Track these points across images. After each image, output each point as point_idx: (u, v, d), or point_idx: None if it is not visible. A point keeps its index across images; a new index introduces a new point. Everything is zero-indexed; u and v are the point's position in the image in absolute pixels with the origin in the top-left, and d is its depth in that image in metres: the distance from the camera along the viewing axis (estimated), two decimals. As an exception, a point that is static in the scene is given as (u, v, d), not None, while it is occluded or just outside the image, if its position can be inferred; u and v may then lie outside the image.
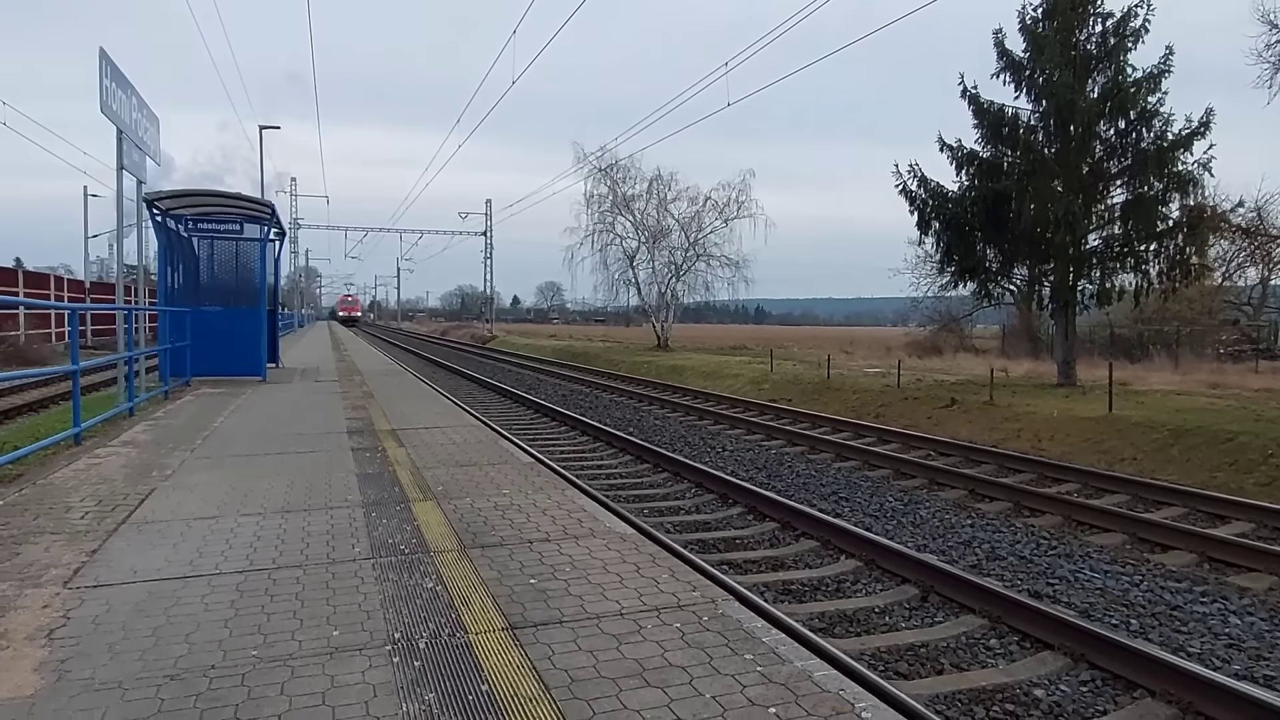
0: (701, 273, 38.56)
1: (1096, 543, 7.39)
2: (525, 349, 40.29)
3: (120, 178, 10.19)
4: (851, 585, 6.16)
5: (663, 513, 8.16)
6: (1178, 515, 8.32)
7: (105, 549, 4.38)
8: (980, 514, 8.39)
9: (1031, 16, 17.10)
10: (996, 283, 19.79)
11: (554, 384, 22.72)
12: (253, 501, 5.44)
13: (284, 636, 3.25)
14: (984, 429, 13.91)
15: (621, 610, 3.55)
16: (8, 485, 5.98)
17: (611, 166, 37.29)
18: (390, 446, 7.67)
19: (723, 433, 13.77)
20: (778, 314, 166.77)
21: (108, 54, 9.54)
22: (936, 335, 35.60)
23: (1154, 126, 16.10)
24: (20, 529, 4.76)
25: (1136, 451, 11.53)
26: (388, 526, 4.85)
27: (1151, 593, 6.08)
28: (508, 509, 5.31)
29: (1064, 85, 16.05)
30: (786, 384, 20.57)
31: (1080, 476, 9.91)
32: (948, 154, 17.83)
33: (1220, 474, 10.24)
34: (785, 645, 3.19)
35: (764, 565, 6.61)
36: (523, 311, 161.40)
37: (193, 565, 4.12)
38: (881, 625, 5.43)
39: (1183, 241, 16.12)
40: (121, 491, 5.71)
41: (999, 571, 6.54)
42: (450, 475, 6.38)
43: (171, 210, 13.67)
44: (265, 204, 15.27)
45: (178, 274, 14.14)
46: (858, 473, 10.47)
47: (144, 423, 9.11)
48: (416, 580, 3.91)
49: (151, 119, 11.44)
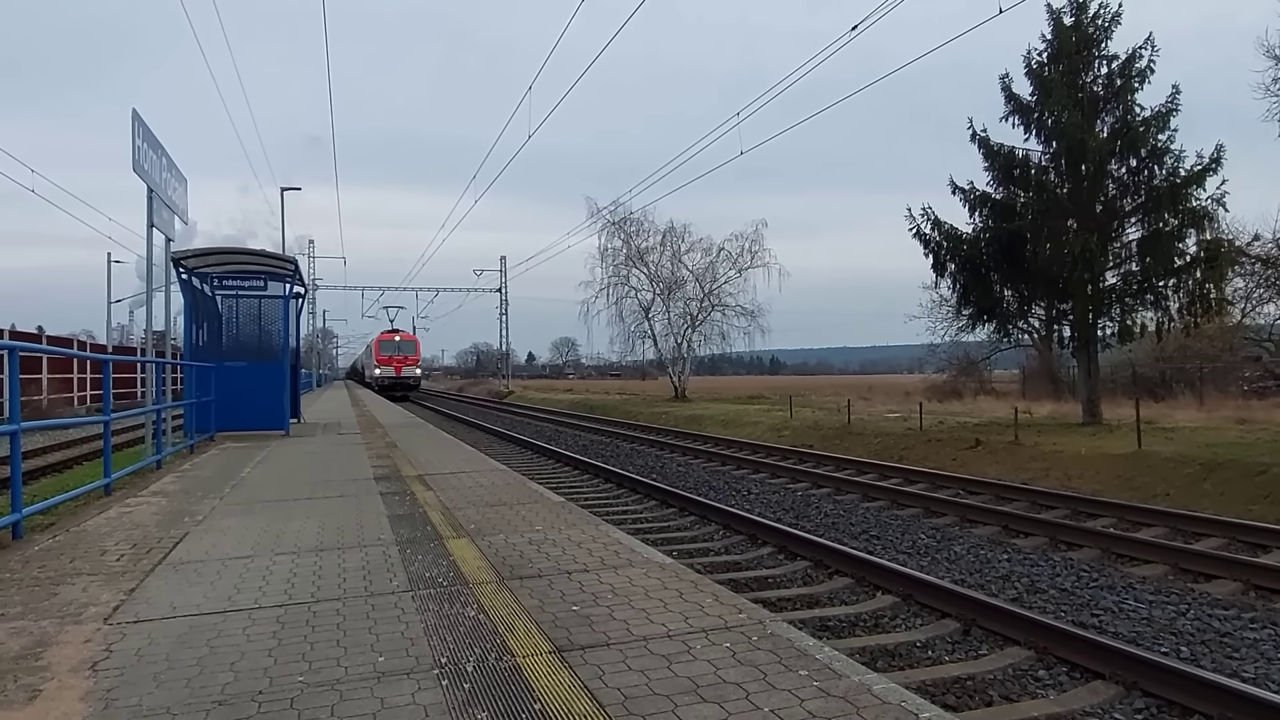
0: (717, 323, 38.59)
1: (1138, 574, 7.22)
2: (542, 403, 40.34)
3: (150, 235, 10.43)
4: (890, 620, 6.03)
5: (692, 554, 8.05)
6: (1219, 545, 8.14)
7: (143, 587, 4.37)
8: (1016, 549, 8.23)
9: (1037, 61, 17.40)
10: (1015, 323, 19.74)
11: (573, 435, 22.67)
12: (286, 542, 5.43)
13: (329, 663, 3.21)
14: (1011, 468, 13.73)
15: (669, 632, 3.49)
16: (41, 533, 5.99)
17: (625, 220, 37.46)
18: (418, 490, 7.66)
19: (746, 477, 13.66)
20: (793, 364, 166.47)
21: (140, 115, 9.86)
22: (956, 379, 35.41)
23: (1165, 164, 16.21)
24: (57, 571, 4.76)
25: (1169, 486, 11.33)
26: (423, 562, 4.82)
27: (1200, 620, 5.91)
28: (542, 543, 5.27)
29: (1073, 126, 16.23)
30: (807, 430, 20.44)
31: (1116, 510, 9.73)
32: (960, 196, 18.00)
33: (1256, 506, 10.02)
34: (840, 661, 3.12)
35: (799, 602, 6.49)
36: (538, 368, 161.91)
37: (231, 600, 4.09)
38: (925, 659, 5.30)
39: (1201, 276, 16.07)
40: (155, 536, 5.71)
41: (1041, 604, 6.38)
42: (481, 514, 6.35)
43: (197, 269, 13.94)
44: (289, 260, 15.53)
45: (202, 331, 14.35)
46: (886, 512, 10.33)
47: (172, 474, 9.15)
48: (458, 610, 3.87)
49: (180, 179, 11.76)
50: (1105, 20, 16.86)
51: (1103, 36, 16.91)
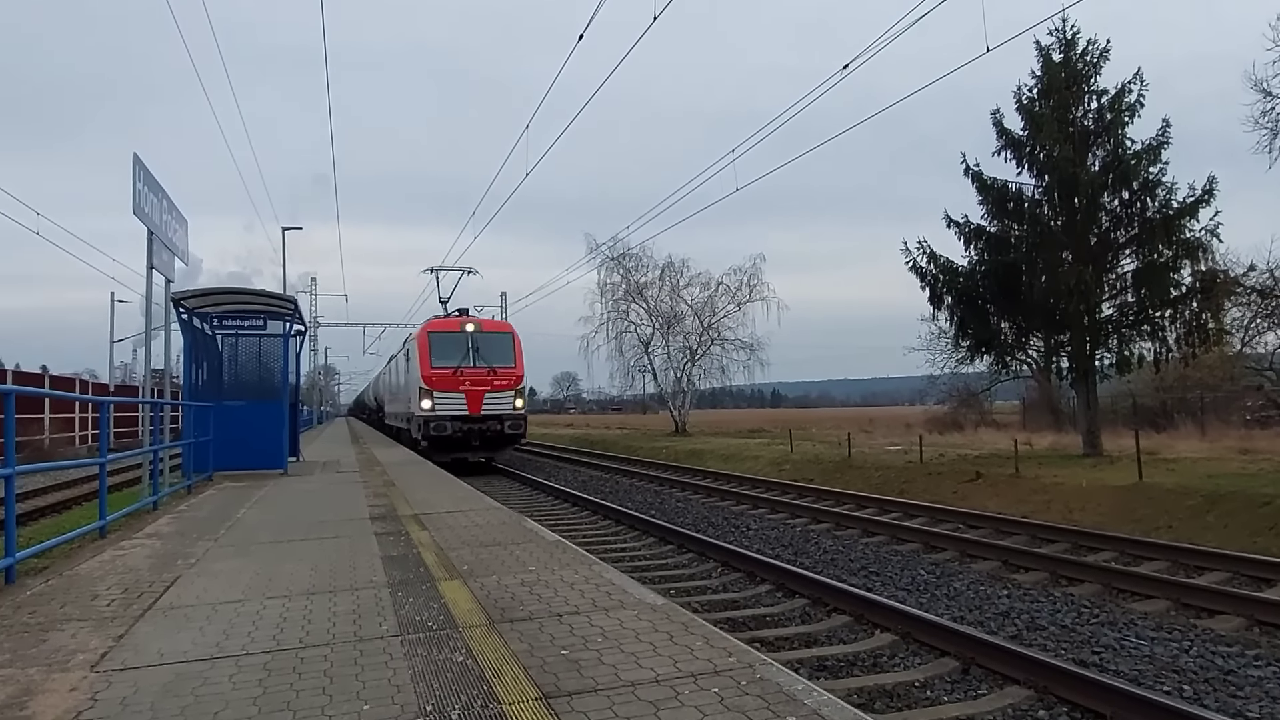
0: (717, 357, 38.46)
1: (1140, 610, 7.15)
2: (543, 438, 40.23)
3: (150, 277, 10.50)
4: (889, 659, 5.96)
5: (690, 592, 7.99)
6: (1222, 580, 8.06)
7: (132, 633, 4.34)
8: (1016, 584, 8.16)
9: (1028, 96, 17.63)
10: (1013, 355, 19.76)
11: (573, 471, 22.58)
12: (278, 585, 5.39)
13: (314, 712, 3.18)
14: (1012, 501, 13.65)
15: (657, 677, 3.46)
16: (34, 577, 5.96)
17: (624, 255, 37.06)
18: (414, 530, 7.62)
19: (745, 513, 13.58)
20: (794, 396, 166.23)
21: (141, 160, 9.98)
22: (956, 411, 35.35)
23: (1158, 196, 16.37)
24: (47, 617, 4.73)
25: (1171, 519, 11.24)
26: (414, 605, 4.78)
27: (1202, 658, 5.84)
28: (535, 584, 5.23)
29: (1065, 160, 16.40)
30: (807, 464, 20.37)
31: (1116, 544, 9.67)
32: (955, 230, 18.12)
33: (1260, 538, 9.94)
34: (829, 705, 3.09)
35: (796, 641, 6.42)
36: (540, 403, 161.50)
37: (219, 647, 4.06)
38: (923, 699, 5.23)
39: (1198, 307, 16.14)
40: (147, 580, 5.68)
41: (1041, 641, 6.31)
42: (475, 555, 6.31)
43: (197, 309, 14.00)
44: (289, 300, 15.61)
45: (202, 370, 14.37)
46: (886, 547, 10.25)
47: (168, 515, 9.11)
48: (446, 655, 3.83)
49: (180, 221, 11.86)
50: (1094, 56, 17.12)
51: (1092, 72, 17.15)
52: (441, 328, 21.72)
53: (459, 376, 20.28)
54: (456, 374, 20.27)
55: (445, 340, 20.94)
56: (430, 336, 21.12)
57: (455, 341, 20.79)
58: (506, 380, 20.70)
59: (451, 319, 22.50)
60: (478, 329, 21.17)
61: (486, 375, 20.49)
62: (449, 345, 20.76)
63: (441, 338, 21.06)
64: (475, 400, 20.24)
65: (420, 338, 21.51)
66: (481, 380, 20.41)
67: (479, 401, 20.25)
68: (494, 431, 20.38)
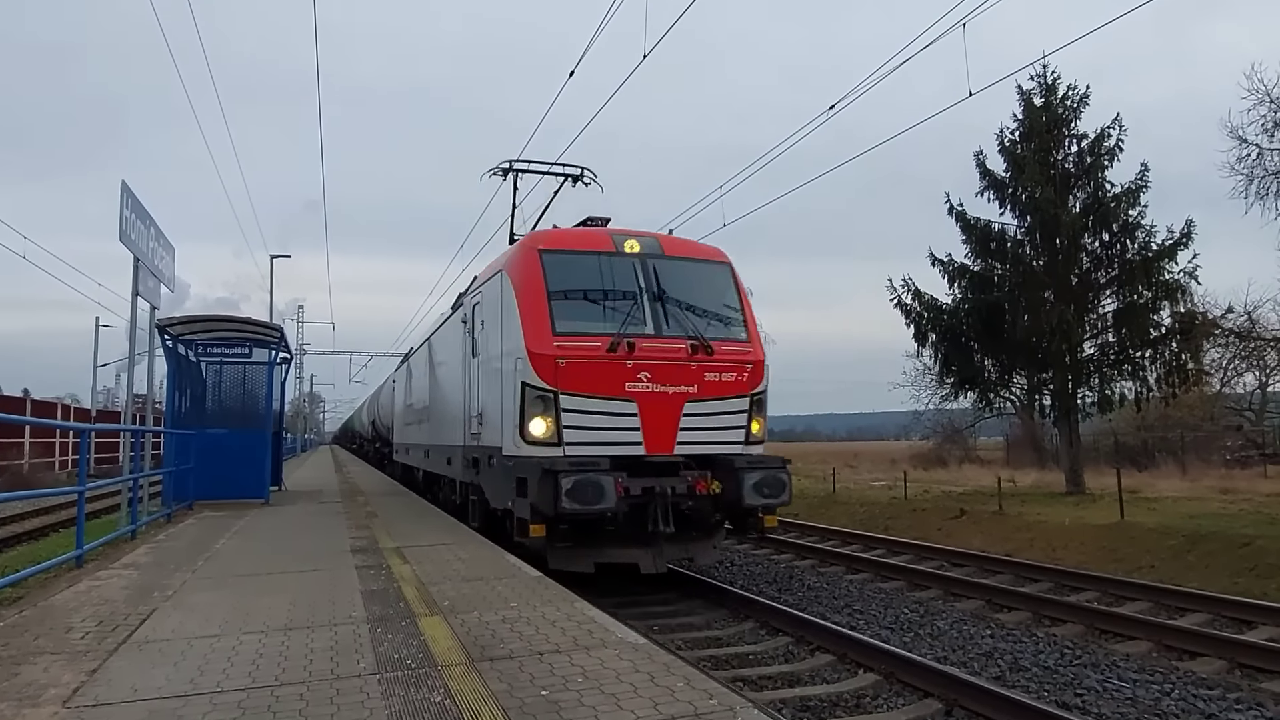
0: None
1: (1122, 651, 7.16)
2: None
3: (135, 303, 10.45)
4: (872, 700, 5.94)
5: (673, 629, 7.94)
6: (1203, 621, 8.09)
7: (105, 668, 4.27)
8: (1000, 624, 8.15)
9: (1010, 139, 17.98)
10: (996, 392, 19.93)
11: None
12: (255, 619, 5.32)
13: (289, 752, 3.13)
14: (996, 539, 13.67)
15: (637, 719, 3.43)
16: (8, 608, 5.86)
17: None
18: (395, 563, 7.55)
19: (730, 549, 13.51)
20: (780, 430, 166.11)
21: (129, 187, 9.99)
22: (940, 447, 35.49)
23: (1137, 238, 16.68)
24: (20, 649, 4.65)
25: (1154, 559, 11.30)
26: (393, 642, 4.73)
27: (1184, 701, 5.85)
28: (516, 621, 5.19)
29: (1046, 201, 16.70)
30: (793, 498, 20.33)
31: (1099, 584, 9.70)
32: (939, 268, 18.36)
33: (1241, 579, 10.00)
34: (809, 750, 3.07)
35: (779, 680, 6.39)
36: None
37: (194, 683, 4.00)
38: (906, 741, 5.21)
39: (1177, 347, 16.37)
40: (123, 612, 5.59)
41: (1024, 683, 6.31)
42: (457, 590, 6.25)
43: (182, 336, 13.93)
44: (274, 328, 15.55)
45: (185, 398, 14.25)
46: (870, 584, 10.24)
47: (146, 545, 8.99)
48: (424, 694, 3.79)
49: (168, 247, 11.84)
50: (1074, 101, 17.52)
51: (1072, 116, 17.54)
52: (570, 243, 9.43)
53: (622, 359, 8.36)
54: (617, 352, 8.33)
55: (581, 268, 9.10)
56: (546, 260, 8.95)
57: (606, 273, 9.06)
58: (734, 369, 8.88)
59: (588, 231, 9.79)
60: (656, 249, 9.37)
61: (686, 357, 8.63)
62: (589, 282, 9.03)
63: (573, 263, 9.11)
64: (662, 416, 8.49)
65: (520, 265, 9.08)
66: (676, 370, 8.60)
67: (672, 420, 8.53)
68: (706, 496, 8.50)
